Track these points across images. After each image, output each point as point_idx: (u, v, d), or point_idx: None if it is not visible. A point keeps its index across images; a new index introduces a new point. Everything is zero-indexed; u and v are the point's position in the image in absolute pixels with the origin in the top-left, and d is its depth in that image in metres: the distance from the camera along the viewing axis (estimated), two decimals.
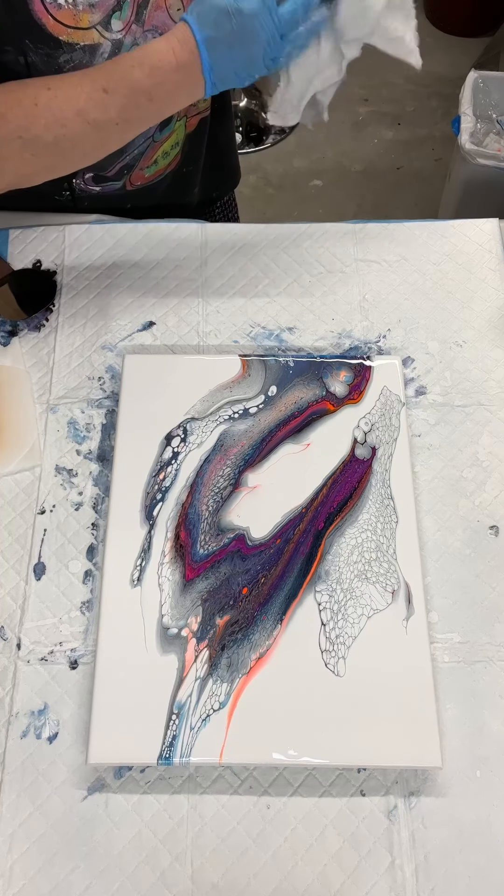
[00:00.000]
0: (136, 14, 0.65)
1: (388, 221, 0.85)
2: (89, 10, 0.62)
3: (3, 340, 0.78)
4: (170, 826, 0.59)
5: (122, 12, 0.64)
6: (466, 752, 0.61)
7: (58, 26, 0.61)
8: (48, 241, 0.83)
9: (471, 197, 1.45)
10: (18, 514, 0.70)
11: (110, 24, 0.64)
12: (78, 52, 0.64)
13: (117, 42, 0.65)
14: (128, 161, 0.78)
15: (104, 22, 0.63)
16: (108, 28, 0.64)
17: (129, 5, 0.64)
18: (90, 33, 0.63)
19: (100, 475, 0.72)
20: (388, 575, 0.65)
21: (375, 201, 1.97)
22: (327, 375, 0.74)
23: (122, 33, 0.65)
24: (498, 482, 0.71)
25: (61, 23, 0.61)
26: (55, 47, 0.62)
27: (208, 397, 0.73)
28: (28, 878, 0.57)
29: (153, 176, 0.83)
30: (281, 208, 1.94)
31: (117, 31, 0.64)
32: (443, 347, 0.78)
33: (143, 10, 0.65)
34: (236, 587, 0.65)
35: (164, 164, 0.83)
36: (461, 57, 2.14)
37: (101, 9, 0.63)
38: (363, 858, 0.58)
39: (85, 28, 0.63)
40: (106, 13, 0.63)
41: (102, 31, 0.64)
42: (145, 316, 0.79)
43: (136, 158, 0.79)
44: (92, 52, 0.64)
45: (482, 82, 1.43)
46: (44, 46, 0.62)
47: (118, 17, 0.64)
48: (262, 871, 0.58)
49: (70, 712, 0.62)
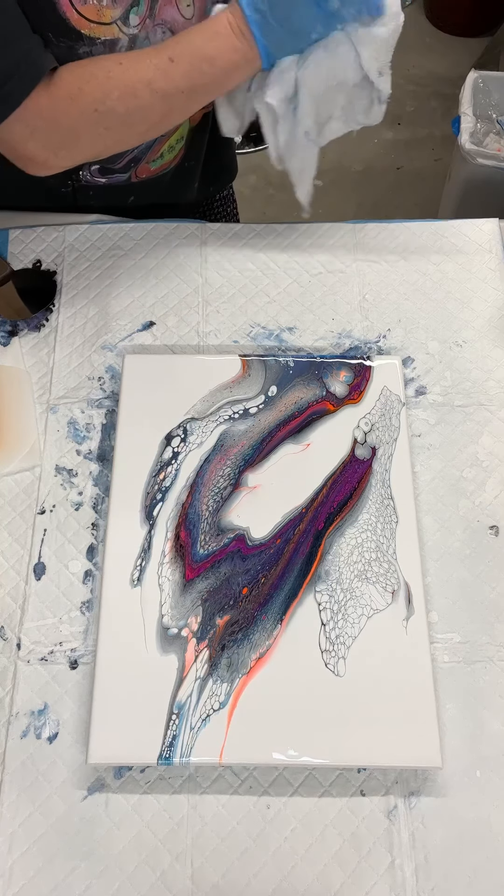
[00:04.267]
0: (149, 9, 0.65)
1: (388, 221, 0.85)
2: (112, 6, 0.63)
3: (3, 340, 0.78)
4: (170, 826, 0.59)
5: (140, 7, 0.65)
6: (466, 752, 0.61)
7: (81, 21, 0.62)
8: (48, 241, 0.83)
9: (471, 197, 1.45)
10: (18, 514, 0.70)
11: (129, 20, 0.65)
12: (98, 47, 0.64)
13: (133, 37, 0.66)
14: (136, 154, 0.79)
15: (123, 17, 0.64)
16: (126, 23, 0.65)
17: (145, 1, 0.65)
18: (111, 28, 0.64)
19: (100, 475, 0.72)
20: (388, 575, 0.65)
21: (375, 201, 1.97)
22: (327, 375, 0.74)
23: (138, 28, 0.66)
24: (498, 482, 0.71)
25: (85, 17, 0.62)
26: (76, 40, 0.63)
27: (208, 397, 0.73)
28: (28, 878, 0.57)
29: (158, 169, 0.84)
30: (281, 208, 1.94)
31: (134, 25, 0.65)
32: (443, 347, 0.78)
33: (155, 4, 0.66)
34: (236, 587, 0.65)
35: (170, 157, 0.83)
36: (461, 57, 2.14)
37: (122, 4, 0.64)
38: (363, 858, 0.58)
39: (107, 23, 0.64)
40: (126, 8, 0.64)
41: (121, 26, 0.65)
42: (145, 316, 0.79)
43: (144, 152, 0.79)
44: (111, 46, 0.65)
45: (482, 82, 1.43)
46: (65, 40, 0.63)
47: (136, 13, 0.65)
48: (262, 871, 0.58)
49: (70, 712, 0.62)
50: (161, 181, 0.86)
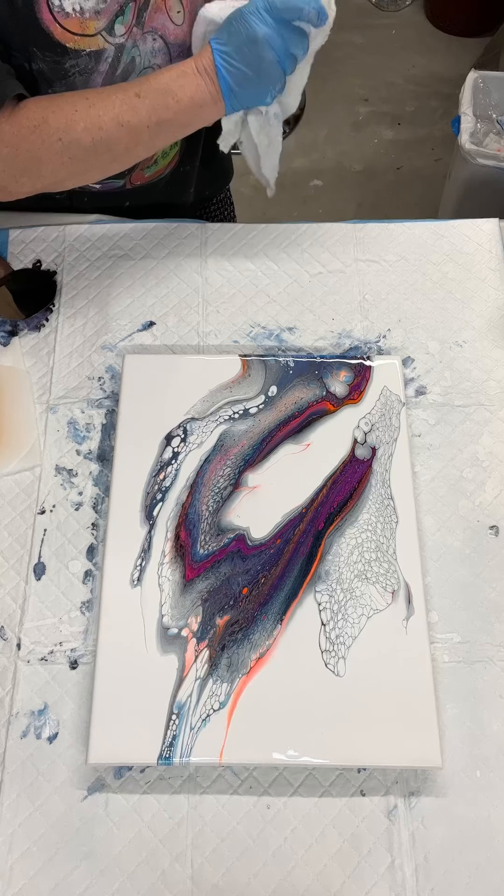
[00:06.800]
0: (136, 17, 0.65)
1: (388, 221, 0.85)
2: (95, 17, 0.63)
3: (3, 340, 0.78)
4: (170, 826, 0.59)
5: (125, 16, 0.65)
6: (466, 752, 0.61)
7: (65, 34, 0.63)
8: (48, 241, 0.83)
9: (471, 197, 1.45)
10: (18, 514, 0.70)
11: (114, 29, 0.65)
12: (84, 58, 0.65)
13: (119, 46, 0.66)
14: None
15: (108, 27, 0.64)
16: (111, 33, 0.65)
17: (131, 9, 0.65)
18: (95, 39, 0.64)
19: (100, 475, 0.72)
20: (388, 575, 0.65)
21: (375, 201, 1.97)
22: (327, 375, 0.74)
23: (125, 37, 0.66)
24: (498, 482, 0.71)
25: (68, 30, 0.63)
26: (61, 54, 0.63)
27: (208, 397, 0.73)
28: (28, 878, 0.57)
29: (153, 176, 0.84)
30: (281, 208, 1.94)
31: (120, 35, 0.65)
32: (443, 347, 0.78)
33: (143, 12, 0.66)
34: (236, 587, 0.65)
35: (164, 164, 0.83)
36: (461, 57, 2.14)
37: (105, 15, 0.63)
38: (363, 858, 0.58)
39: (91, 35, 0.64)
40: (110, 19, 0.64)
41: (107, 37, 0.65)
42: (145, 316, 0.79)
43: None
44: (97, 57, 0.65)
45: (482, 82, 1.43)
46: (50, 54, 0.63)
47: (121, 22, 0.65)
48: (262, 871, 0.58)
49: (70, 712, 0.62)
50: (156, 186, 0.86)
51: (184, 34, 0.70)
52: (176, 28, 0.69)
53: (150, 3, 0.66)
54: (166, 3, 0.68)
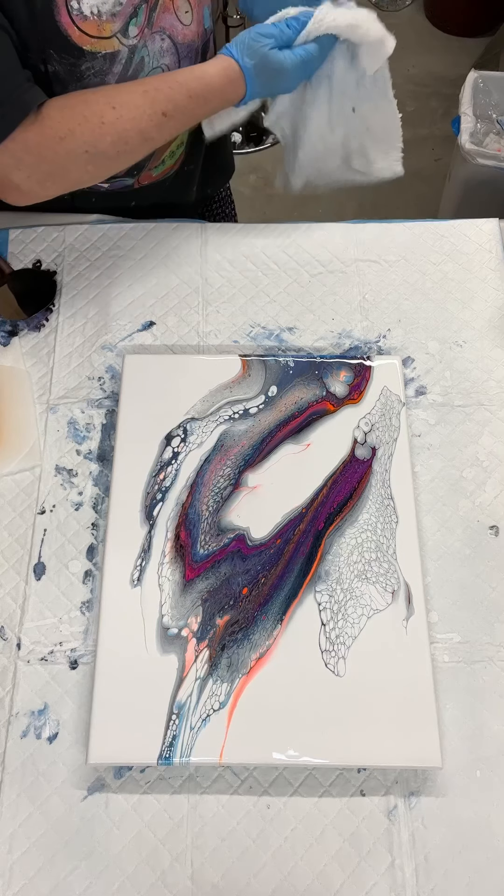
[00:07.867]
0: (147, 18, 0.66)
1: (388, 221, 0.85)
2: (111, 20, 0.64)
3: (3, 340, 0.78)
4: (170, 826, 0.59)
5: (138, 18, 0.66)
6: (466, 752, 0.61)
7: (83, 37, 0.63)
8: (48, 241, 0.83)
9: (471, 197, 1.45)
10: (18, 514, 0.70)
11: (128, 31, 0.66)
12: (99, 60, 0.65)
13: (132, 47, 0.67)
14: (139, 161, 0.79)
15: (123, 30, 0.65)
16: (126, 35, 0.66)
17: (143, 10, 0.65)
18: (111, 41, 0.65)
19: (100, 475, 0.72)
20: (388, 575, 0.65)
21: (375, 201, 1.97)
22: (327, 375, 0.74)
23: (137, 38, 0.67)
24: (498, 482, 0.71)
25: (86, 33, 0.63)
26: (78, 56, 0.64)
27: (208, 397, 0.73)
28: (28, 878, 0.57)
29: (160, 175, 0.84)
30: (281, 208, 1.94)
31: (133, 36, 0.66)
32: (443, 347, 0.78)
33: (153, 13, 0.67)
34: (236, 587, 0.65)
35: (171, 163, 0.84)
36: (461, 57, 2.14)
37: (121, 17, 0.64)
38: (363, 858, 0.58)
39: (107, 37, 0.64)
40: (125, 21, 0.65)
41: (121, 39, 0.66)
42: (145, 316, 0.79)
43: (147, 159, 0.79)
44: (112, 59, 0.66)
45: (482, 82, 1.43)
46: (67, 56, 0.64)
47: (134, 24, 0.66)
48: (262, 871, 0.58)
49: (70, 712, 0.62)
50: (162, 185, 0.86)
51: (192, 34, 0.71)
52: (184, 28, 0.69)
53: (158, 4, 0.67)
54: (174, 3, 0.68)
